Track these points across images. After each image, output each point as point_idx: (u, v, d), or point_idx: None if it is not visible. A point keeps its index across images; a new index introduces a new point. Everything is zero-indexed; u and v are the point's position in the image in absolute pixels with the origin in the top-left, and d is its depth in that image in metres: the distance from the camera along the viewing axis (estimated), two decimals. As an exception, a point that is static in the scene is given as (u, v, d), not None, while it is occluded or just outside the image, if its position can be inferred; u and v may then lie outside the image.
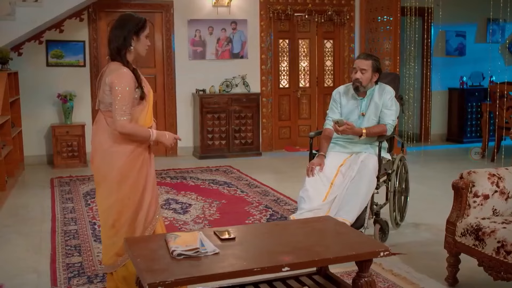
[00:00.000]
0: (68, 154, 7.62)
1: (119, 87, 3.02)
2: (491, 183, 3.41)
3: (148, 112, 3.27)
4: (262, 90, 8.77)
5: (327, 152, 4.40)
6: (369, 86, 4.34)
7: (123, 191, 3.15)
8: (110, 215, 3.18)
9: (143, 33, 3.17)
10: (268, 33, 8.74)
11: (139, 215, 3.22)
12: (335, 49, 9.17)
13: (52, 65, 7.79)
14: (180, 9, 8.29)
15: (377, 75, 4.33)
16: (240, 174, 7.10)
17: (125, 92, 3.03)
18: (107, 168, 3.16)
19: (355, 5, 9.03)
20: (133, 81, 3.08)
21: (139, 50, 3.19)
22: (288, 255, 2.62)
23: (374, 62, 4.30)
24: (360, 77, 4.28)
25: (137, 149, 3.18)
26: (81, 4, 7.07)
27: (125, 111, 3.03)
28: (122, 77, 3.04)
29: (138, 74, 3.15)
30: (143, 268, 2.49)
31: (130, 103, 3.06)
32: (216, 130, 8.30)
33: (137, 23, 3.15)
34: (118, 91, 3.02)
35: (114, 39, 3.13)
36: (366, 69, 4.27)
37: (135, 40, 3.14)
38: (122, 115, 3.03)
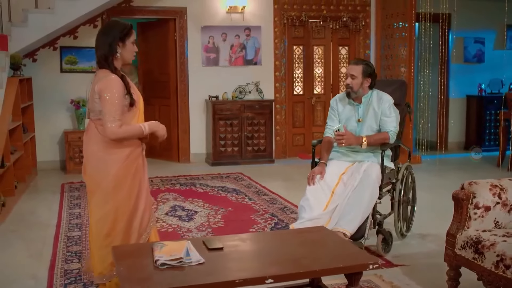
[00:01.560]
0: (80, 159, 7.64)
1: (108, 94, 3.01)
2: (492, 194, 3.30)
3: (139, 118, 3.25)
4: (276, 97, 8.72)
5: (329, 160, 4.33)
6: (361, 92, 4.27)
7: (118, 199, 3.12)
8: (105, 224, 3.15)
9: (128, 39, 3.14)
10: (282, 40, 8.70)
11: (134, 223, 3.19)
12: (350, 55, 9.08)
13: (66, 71, 7.86)
14: (194, 16, 8.29)
15: (369, 80, 4.26)
16: (250, 182, 7.05)
17: (114, 98, 3.00)
18: (101, 176, 3.13)
19: (371, 11, 8.94)
20: (122, 88, 3.06)
21: (125, 56, 3.16)
22: (274, 266, 2.56)
23: (365, 67, 4.24)
24: (350, 83, 4.23)
25: (131, 155, 3.15)
26: (93, 10, 7.11)
27: (114, 117, 3.01)
28: (110, 84, 3.03)
29: (126, 81, 3.13)
30: (125, 277, 2.47)
31: (119, 109, 3.04)
32: (228, 137, 8.27)
33: (122, 29, 3.12)
34: (107, 98, 3.01)
35: (101, 46, 3.12)
36: (356, 75, 4.21)
37: (120, 46, 3.12)
38: (112, 122, 3.01)
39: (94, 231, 3.22)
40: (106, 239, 3.15)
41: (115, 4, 7.86)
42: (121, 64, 3.20)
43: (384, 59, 8.77)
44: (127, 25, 3.17)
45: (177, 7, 8.24)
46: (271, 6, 8.58)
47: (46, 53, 7.74)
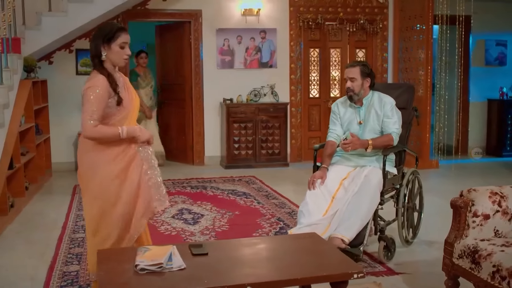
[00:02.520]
0: (94, 161, 7.70)
1: (89, 92, 2.98)
2: (492, 202, 3.19)
3: (131, 120, 3.21)
4: (291, 100, 8.66)
5: (331, 165, 4.26)
6: (362, 93, 4.19)
7: (105, 199, 3.09)
8: (94, 223, 3.14)
9: (114, 42, 3.08)
10: (298, 42, 8.63)
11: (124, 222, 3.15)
12: (368, 58, 8.95)
13: (82, 73, 7.92)
14: (209, 18, 8.29)
15: (369, 80, 4.19)
16: (262, 185, 7.00)
17: (93, 95, 2.97)
18: (89, 175, 3.11)
19: (389, 13, 8.81)
20: (106, 89, 3.01)
21: (112, 59, 3.11)
22: (255, 274, 2.51)
23: (362, 68, 4.19)
24: (351, 86, 4.17)
25: (120, 155, 3.11)
26: (107, 14, 7.14)
27: (91, 115, 2.97)
28: (93, 82, 3.01)
29: (114, 80, 3.07)
30: (103, 282, 2.45)
31: (99, 109, 2.99)
32: (242, 140, 8.23)
33: (107, 33, 3.08)
34: (87, 96, 2.99)
35: (90, 48, 3.12)
36: (355, 77, 4.16)
37: (106, 49, 3.08)
38: (89, 119, 2.96)
39: (88, 229, 3.21)
40: (94, 239, 3.13)
41: (130, 7, 7.91)
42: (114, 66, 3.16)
43: (402, 61, 8.63)
44: (113, 28, 3.11)
45: (192, 10, 8.24)
46: (287, 9, 8.52)
47: (62, 55, 7.82)
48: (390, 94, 4.46)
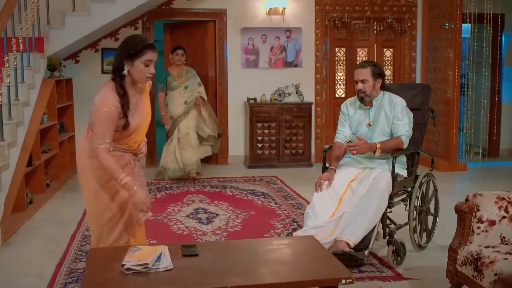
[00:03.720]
0: (118, 159, 7.79)
1: (100, 110, 2.89)
2: (498, 207, 3.07)
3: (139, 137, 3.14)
4: (316, 100, 8.56)
5: (340, 166, 4.18)
6: (374, 94, 4.09)
7: (101, 200, 3.10)
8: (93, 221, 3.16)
9: (139, 59, 2.91)
10: (324, 42, 8.53)
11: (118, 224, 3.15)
12: (395, 58, 8.79)
13: (107, 72, 7.99)
14: (234, 17, 8.27)
15: (380, 80, 4.08)
16: (282, 185, 6.94)
17: (104, 116, 2.88)
18: (87, 176, 3.12)
19: (417, 12, 8.62)
20: (116, 108, 2.91)
21: (134, 76, 2.97)
22: (239, 277, 2.47)
23: (373, 68, 4.07)
24: (362, 87, 4.06)
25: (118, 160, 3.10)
26: (131, 13, 7.22)
27: (103, 138, 2.90)
28: (105, 101, 2.89)
29: (127, 100, 2.95)
30: (87, 281, 2.45)
31: (111, 129, 2.92)
32: (266, 140, 8.18)
33: (132, 48, 2.92)
34: (99, 114, 2.90)
35: (114, 58, 3.02)
36: (366, 78, 4.04)
37: (128, 64, 2.94)
38: (101, 143, 2.91)
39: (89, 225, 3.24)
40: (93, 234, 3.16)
41: (155, 6, 7.96)
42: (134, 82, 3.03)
43: (431, 61, 8.43)
44: (139, 44, 2.93)
45: (217, 9, 8.24)
46: (313, 8, 8.42)
47: (88, 54, 7.93)
48: (404, 94, 4.36)
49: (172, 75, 7.18)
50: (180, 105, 7.07)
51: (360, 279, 3.78)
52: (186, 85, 7.16)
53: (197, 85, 7.26)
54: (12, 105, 5.19)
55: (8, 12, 5.15)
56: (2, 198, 4.66)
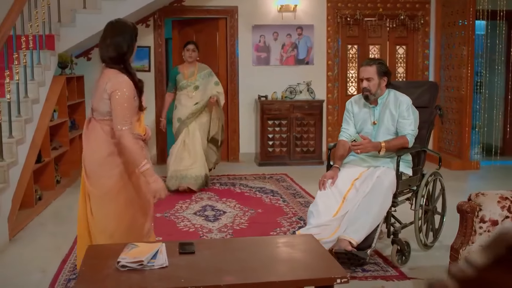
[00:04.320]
0: (129, 156, 7.82)
1: (121, 95, 2.95)
2: (501, 207, 3.02)
3: (142, 120, 3.23)
4: (328, 97, 8.52)
5: (344, 165, 4.14)
6: (379, 92, 4.04)
7: (120, 202, 3.11)
8: (108, 224, 3.15)
9: (136, 41, 3.15)
10: (336, 39, 8.47)
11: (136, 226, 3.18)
12: (408, 55, 8.71)
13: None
14: (245, 15, 8.25)
15: (386, 79, 4.02)
16: (291, 183, 6.92)
17: (125, 99, 2.95)
18: (104, 177, 3.11)
19: (431, 9, 8.52)
20: (133, 90, 3.01)
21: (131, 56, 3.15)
22: (234, 275, 2.46)
23: (379, 66, 4.02)
24: (367, 86, 4.02)
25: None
26: (142, 10, 7.24)
27: (126, 120, 2.96)
28: (123, 85, 2.97)
29: (142, 85, 3.10)
30: (81, 277, 2.46)
31: (131, 112, 3.00)
32: (276, 137, 8.16)
33: (134, 29, 3.13)
34: (119, 99, 2.95)
35: (119, 45, 3.06)
36: (372, 76, 4.00)
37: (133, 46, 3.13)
38: (124, 124, 2.96)
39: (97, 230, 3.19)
40: (110, 239, 3.14)
41: (166, 4, 7.98)
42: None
43: (444, 59, 8.34)
44: (136, 26, 3.18)
45: (229, 6, 8.23)
46: (324, 5, 8.38)
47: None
48: (411, 92, 4.31)
49: (182, 73, 6.39)
50: (189, 107, 6.30)
51: (363, 278, 3.76)
52: (196, 85, 6.35)
53: (214, 84, 6.48)
54: (21, 102, 5.23)
55: (18, 10, 5.18)
56: (10, 194, 4.70)
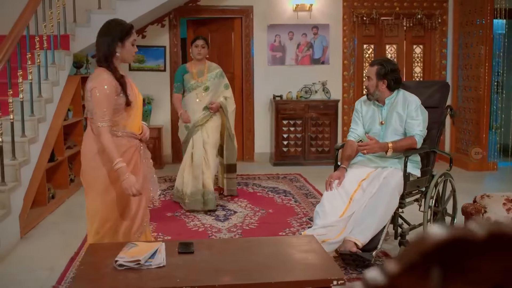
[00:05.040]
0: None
1: (98, 92, 3.02)
2: (506, 209, 2.97)
3: (136, 118, 3.25)
4: (344, 97, 8.47)
5: (351, 165, 4.11)
6: (378, 94, 4.00)
7: (108, 199, 3.15)
8: (95, 221, 3.20)
9: (128, 40, 3.16)
10: (352, 38, 8.41)
11: (124, 224, 3.20)
12: (425, 54, 8.60)
13: (134, 69, 8.10)
14: (260, 14, 8.24)
15: (385, 81, 3.97)
16: (305, 184, 6.89)
17: (103, 96, 3.00)
18: (93, 174, 3.17)
19: (448, 7, 8.41)
20: (113, 87, 3.05)
21: (124, 56, 3.19)
22: (230, 276, 2.45)
23: (379, 68, 3.97)
24: (367, 85, 4.01)
25: (123, 156, 3.14)
26: (157, 10, 7.28)
27: (103, 117, 3.00)
28: (101, 82, 3.04)
29: (124, 81, 3.13)
30: (79, 275, 2.48)
31: (109, 109, 3.03)
32: (291, 137, 8.13)
33: (121, 30, 3.14)
34: (97, 96, 3.02)
35: (100, 46, 3.14)
36: (371, 76, 3.99)
37: (120, 46, 3.13)
38: (101, 121, 3.00)
39: (88, 225, 3.28)
40: (96, 236, 3.19)
41: (182, 4, 8.01)
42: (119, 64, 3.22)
43: (462, 58, 8.22)
44: (126, 26, 3.18)
45: (244, 6, 8.23)
46: (340, 4, 8.33)
47: (116, 52, 8.03)
48: (422, 92, 4.26)
49: (191, 72, 5.66)
50: (198, 111, 5.56)
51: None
52: (207, 85, 5.62)
53: (224, 87, 5.75)
54: (35, 102, 5.29)
55: (31, 10, 5.24)
56: (22, 192, 4.76)
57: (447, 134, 8.47)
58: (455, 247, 0.54)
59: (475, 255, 0.54)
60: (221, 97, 5.67)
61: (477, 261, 0.55)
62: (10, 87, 4.73)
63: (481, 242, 0.54)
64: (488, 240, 0.54)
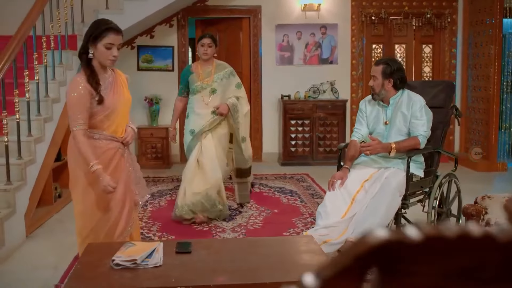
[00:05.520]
0: (152, 155, 7.91)
1: (69, 96, 3.02)
2: (508, 211, 2.93)
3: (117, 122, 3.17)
4: (352, 97, 8.44)
5: (354, 166, 4.09)
6: (384, 93, 3.97)
7: (88, 201, 3.13)
8: (78, 222, 3.21)
9: (100, 42, 3.01)
10: (360, 38, 8.38)
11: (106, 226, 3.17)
12: (435, 54, 8.55)
13: (143, 69, 8.14)
14: (268, 14, 8.24)
15: (391, 80, 3.95)
16: (312, 184, 6.87)
17: (73, 99, 2.98)
18: (74, 175, 3.17)
19: (458, 7, 8.35)
20: (85, 88, 2.98)
21: (98, 58, 3.07)
22: (226, 275, 2.45)
23: (385, 67, 3.94)
24: (372, 84, 3.98)
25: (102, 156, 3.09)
26: (165, 10, 7.29)
27: (76, 120, 2.97)
28: (74, 86, 3.01)
29: (95, 78, 3.03)
30: (75, 274, 2.49)
31: (83, 111, 2.98)
32: (299, 137, 8.12)
33: (93, 30, 3.04)
34: (68, 100, 3.03)
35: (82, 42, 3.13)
36: (376, 75, 3.95)
37: (92, 47, 3.04)
38: (75, 125, 2.98)
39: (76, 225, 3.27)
40: (79, 236, 3.20)
41: (190, 4, 8.02)
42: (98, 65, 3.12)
43: (471, 58, 8.16)
44: (100, 27, 3.04)
45: (252, 6, 8.23)
46: (348, 3, 8.30)
47: (124, 51, 8.06)
48: (427, 92, 4.24)
49: (196, 73, 5.18)
50: (206, 116, 5.10)
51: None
52: (213, 87, 5.12)
53: (235, 87, 5.26)
54: (41, 102, 5.32)
55: (38, 11, 5.28)
56: (27, 192, 4.79)
57: (456, 134, 8.41)
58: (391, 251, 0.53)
59: (411, 259, 0.53)
60: (232, 97, 5.14)
61: (413, 265, 0.54)
62: (16, 87, 4.76)
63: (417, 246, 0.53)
64: (424, 243, 0.53)
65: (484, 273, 0.55)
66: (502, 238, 0.55)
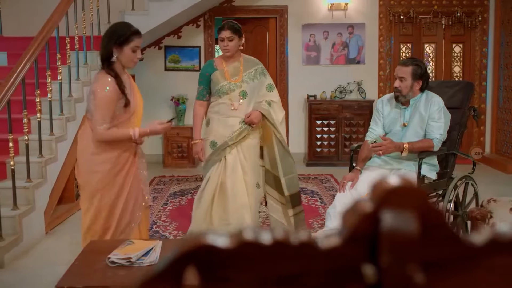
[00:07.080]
0: (178, 154, 7.99)
1: (100, 96, 3.06)
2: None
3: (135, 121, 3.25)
4: (380, 97, 8.31)
5: (366, 167, 4.04)
6: (410, 95, 3.88)
7: (99, 198, 3.20)
8: (86, 219, 3.28)
9: (127, 46, 3.12)
10: (388, 37, 8.27)
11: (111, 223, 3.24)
12: (465, 54, 8.36)
13: (170, 69, 8.23)
14: (295, 14, 8.21)
15: (420, 82, 3.85)
16: (334, 185, 6.82)
17: (103, 98, 3.05)
18: (86, 178, 3.22)
19: (490, 5, 8.15)
20: (114, 89, 3.08)
21: (123, 62, 3.16)
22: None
23: (415, 68, 3.83)
24: (399, 86, 3.87)
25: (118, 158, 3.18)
26: (190, 11, 7.35)
27: (104, 119, 3.05)
28: (102, 84, 3.07)
29: (121, 81, 3.13)
30: (70, 271, 2.54)
31: (110, 112, 3.06)
32: (325, 137, 8.07)
33: (120, 35, 3.12)
34: (98, 100, 3.06)
35: (101, 47, 3.18)
36: (405, 76, 3.84)
37: (117, 51, 3.12)
38: (101, 124, 3.05)
39: (82, 223, 3.35)
40: (88, 233, 3.27)
41: (216, 4, 8.07)
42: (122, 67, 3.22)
43: (503, 57, 7.95)
44: (127, 31, 3.14)
45: (278, 6, 8.22)
46: (376, 2, 8.19)
47: (152, 52, 8.18)
48: (444, 92, 4.16)
49: (221, 70, 4.14)
50: (234, 125, 4.08)
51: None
52: (244, 90, 4.12)
53: (266, 89, 4.22)
54: (64, 101, 5.44)
55: (61, 12, 5.39)
56: (48, 189, 4.91)
57: (487, 135, 8.22)
58: (205, 256, 0.53)
59: (226, 265, 0.53)
60: (264, 102, 4.12)
61: (229, 271, 0.54)
62: (38, 87, 4.88)
63: (231, 252, 0.53)
64: (238, 250, 0.53)
65: (309, 280, 0.54)
66: (323, 246, 0.54)
